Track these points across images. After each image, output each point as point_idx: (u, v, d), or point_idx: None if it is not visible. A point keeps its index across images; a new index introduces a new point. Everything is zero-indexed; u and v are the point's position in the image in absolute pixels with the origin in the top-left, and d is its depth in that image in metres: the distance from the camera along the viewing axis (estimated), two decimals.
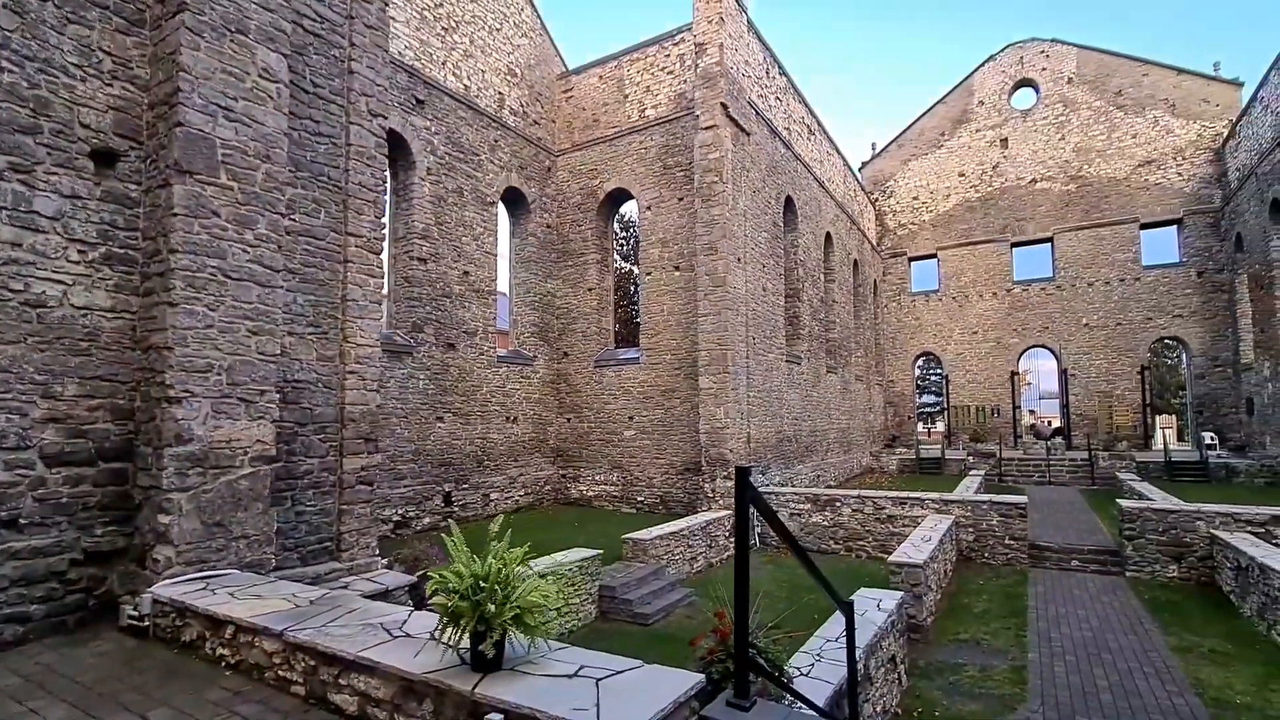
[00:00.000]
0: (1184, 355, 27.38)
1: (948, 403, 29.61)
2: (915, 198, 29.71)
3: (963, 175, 28.71)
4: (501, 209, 15.80)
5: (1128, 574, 10.80)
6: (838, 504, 13.17)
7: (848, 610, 4.07)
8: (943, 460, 24.83)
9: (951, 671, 7.05)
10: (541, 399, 16.35)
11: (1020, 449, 26.47)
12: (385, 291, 13.10)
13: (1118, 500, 11.83)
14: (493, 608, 2.81)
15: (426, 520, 12.94)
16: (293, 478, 5.52)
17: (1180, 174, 25.25)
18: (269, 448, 5.05)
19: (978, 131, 28.53)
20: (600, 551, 8.81)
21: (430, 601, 3.04)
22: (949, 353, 28.91)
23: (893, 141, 30.27)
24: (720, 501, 13.38)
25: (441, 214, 13.29)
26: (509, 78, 15.30)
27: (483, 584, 2.86)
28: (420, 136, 12.80)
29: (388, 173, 13.10)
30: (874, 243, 29.00)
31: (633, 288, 25.56)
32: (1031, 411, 45.74)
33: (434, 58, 13.24)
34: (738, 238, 14.00)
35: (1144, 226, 25.77)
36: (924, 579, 8.16)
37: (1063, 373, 26.85)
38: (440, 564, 6.46)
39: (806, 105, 19.64)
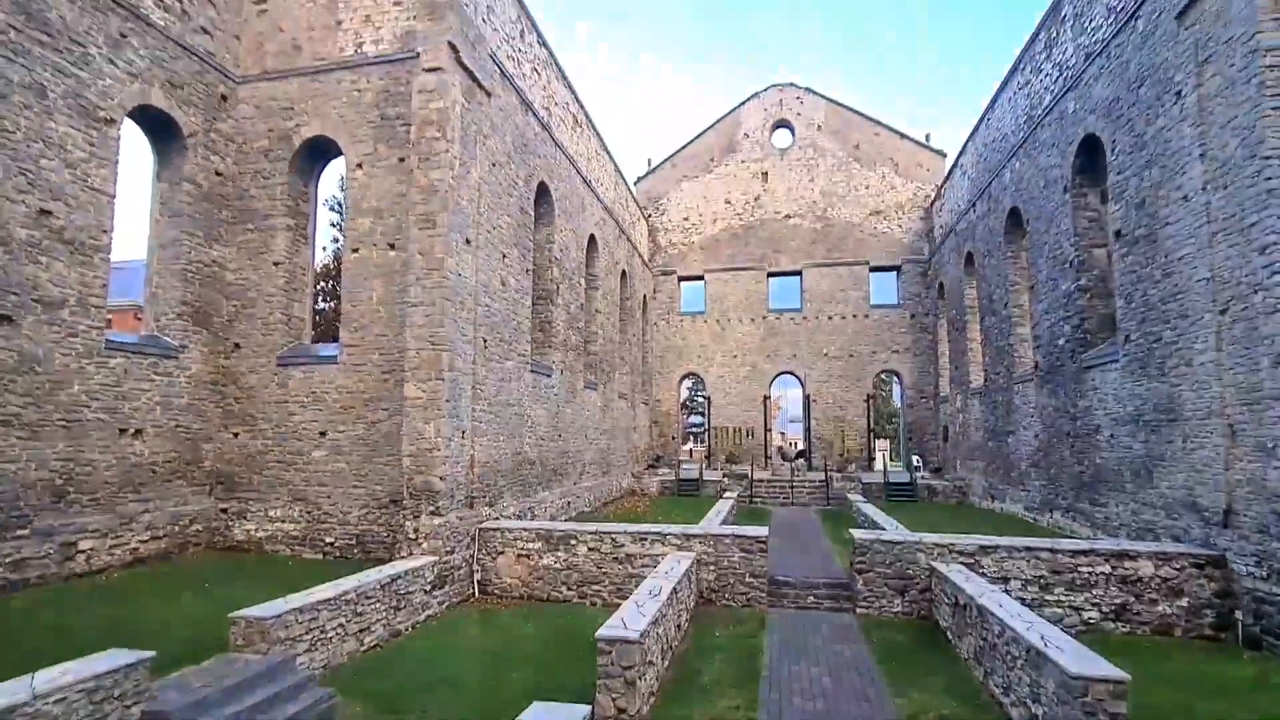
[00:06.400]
0: (897, 386, 30.84)
1: (709, 424, 29.99)
2: (686, 218, 29.91)
3: (729, 202, 29.54)
4: (138, 137, 11.33)
5: (858, 610, 10.22)
6: (573, 541, 11.09)
7: None
8: (701, 481, 24.60)
9: None
10: (193, 405, 11.95)
11: (770, 469, 27.43)
12: None
13: (850, 530, 11.40)
14: None
15: None
16: None
17: (900, 226, 28.45)
18: None
19: (743, 163, 29.62)
20: (148, 656, 5.40)
21: None
22: (711, 374, 29.28)
23: (667, 160, 30.28)
24: (425, 545, 10.47)
25: None
26: None
27: None
28: None
29: None
30: (645, 258, 28.43)
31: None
32: (782, 434, 49.68)
33: None
34: (466, 214, 11.38)
35: (873, 269, 28.55)
36: (640, 657, 6.18)
37: (806, 398, 28.54)
38: None
39: (574, 93, 17.88)
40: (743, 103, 29.76)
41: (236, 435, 12.41)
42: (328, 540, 12.00)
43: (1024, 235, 17.47)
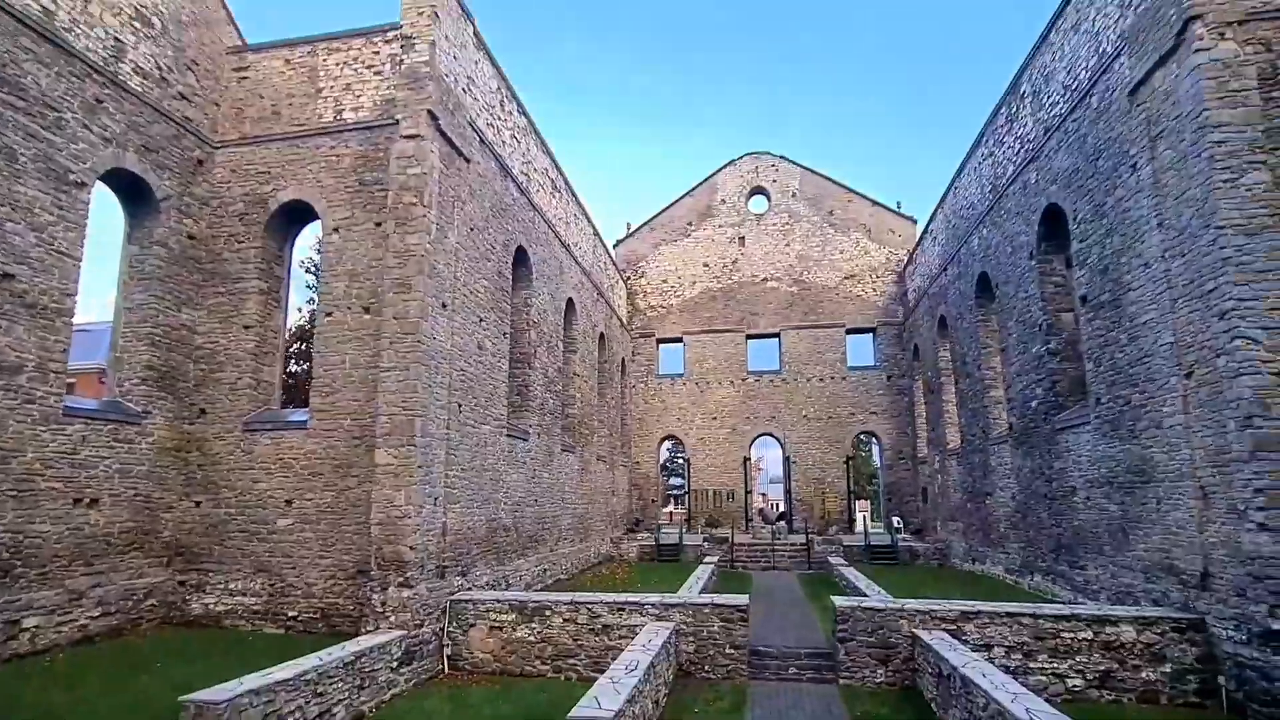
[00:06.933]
0: (876, 448, 30.85)
1: (689, 486, 29.60)
2: (665, 281, 30.37)
3: (707, 265, 30.13)
4: (111, 201, 11.33)
5: (841, 680, 9.86)
6: (548, 612, 10.66)
7: None
8: (681, 546, 24.03)
9: None
10: (154, 472, 11.52)
11: (750, 533, 26.95)
12: None
13: (832, 598, 11.10)
14: None
15: None
16: None
17: (874, 289, 29.11)
18: None
19: (720, 227, 30.40)
20: None
21: None
22: (691, 437, 29.11)
23: (645, 224, 30.99)
24: (393, 618, 9.99)
25: None
26: (139, 25, 11.25)
27: None
28: None
29: None
30: (624, 320, 28.65)
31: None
32: (763, 495, 49.17)
33: None
34: (443, 278, 11.42)
35: (849, 331, 29.00)
36: None
37: (786, 460, 28.39)
38: None
39: (553, 159, 18.38)
40: (719, 169, 30.80)
41: (199, 504, 11.93)
42: (290, 614, 11.42)
43: (994, 299, 17.93)
